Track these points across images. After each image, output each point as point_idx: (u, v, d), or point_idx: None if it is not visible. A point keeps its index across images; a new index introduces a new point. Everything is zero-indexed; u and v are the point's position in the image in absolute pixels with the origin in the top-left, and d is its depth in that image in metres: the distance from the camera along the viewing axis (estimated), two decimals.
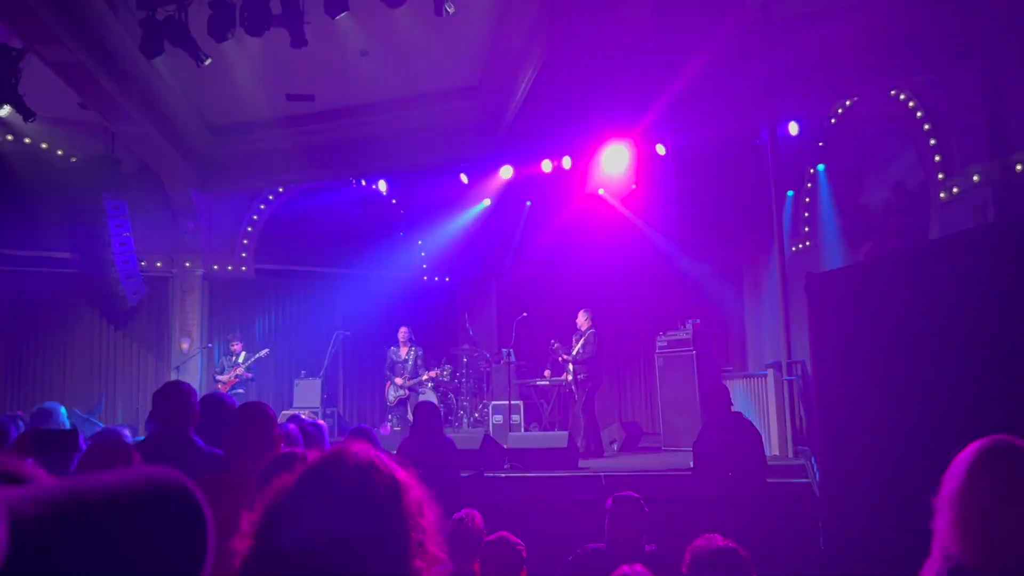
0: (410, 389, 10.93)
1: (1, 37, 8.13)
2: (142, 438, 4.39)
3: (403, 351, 11.13)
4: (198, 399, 3.56)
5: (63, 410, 5.16)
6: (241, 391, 10.56)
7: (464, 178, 12.66)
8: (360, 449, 1.11)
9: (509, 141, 10.35)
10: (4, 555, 0.67)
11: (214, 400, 3.84)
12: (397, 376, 11.06)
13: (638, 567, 2.47)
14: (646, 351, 12.61)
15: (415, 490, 1.10)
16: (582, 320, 10.07)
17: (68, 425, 5.13)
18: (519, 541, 3.45)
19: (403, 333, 11.22)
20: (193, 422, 3.45)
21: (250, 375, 11.00)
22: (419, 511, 1.08)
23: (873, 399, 3.84)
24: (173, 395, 3.48)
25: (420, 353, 11.11)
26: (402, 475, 1.11)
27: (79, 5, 7.68)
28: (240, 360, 10.99)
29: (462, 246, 13.90)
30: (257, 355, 11.04)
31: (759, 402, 8.73)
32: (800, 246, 11.50)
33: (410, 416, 9.89)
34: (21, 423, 5.03)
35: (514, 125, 9.84)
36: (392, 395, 11.11)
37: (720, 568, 2.70)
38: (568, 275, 13.70)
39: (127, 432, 4.69)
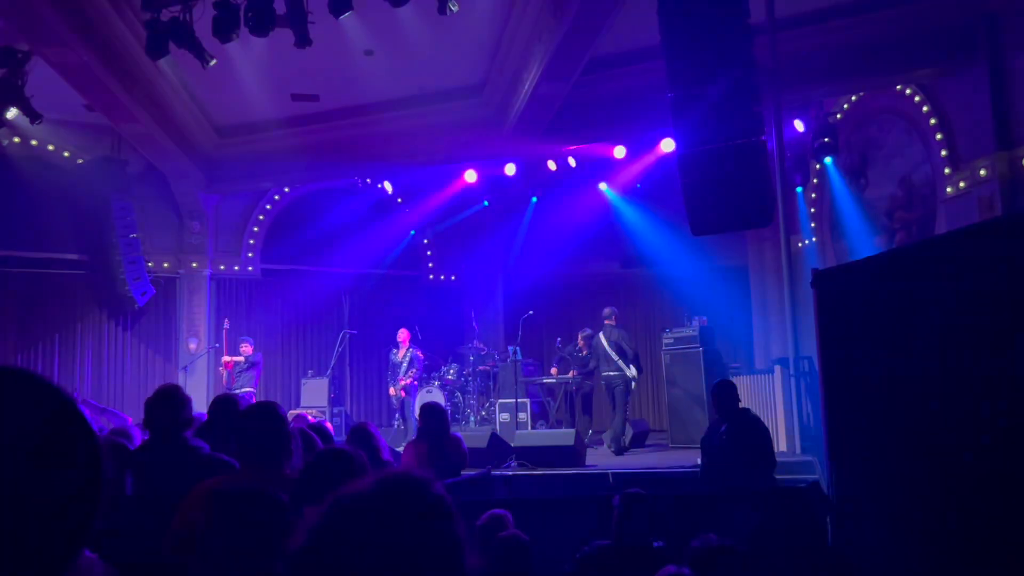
0: (404, 391, 10.87)
1: (7, 40, 8.17)
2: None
3: (400, 353, 11.08)
4: (192, 404, 3.50)
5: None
6: (249, 390, 10.57)
7: (470, 176, 12.66)
8: (436, 487, 1.06)
9: (514, 139, 10.34)
10: None
11: (224, 400, 3.84)
12: (394, 378, 11.09)
13: (685, 569, 2.46)
14: (652, 348, 12.61)
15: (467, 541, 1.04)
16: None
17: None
18: (527, 538, 3.45)
19: (401, 335, 11.19)
20: (189, 426, 3.40)
21: (240, 358, 10.84)
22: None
23: (881, 395, 3.83)
24: (167, 400, 3.44)
25: (412, 357, 10.97)
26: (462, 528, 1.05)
27: (84, 7, 7.70)
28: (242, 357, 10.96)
29: (468, 244, 13.91)
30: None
31: (766, 398, 8.71)
32: (806, 242, 11.48)
33: (415, 415, 9.90)
34: None
35: (519, 123, 9.82)
36: (394, 397, 11.15)
37: (718, 567, 2.70)
38: (574, 272, 13.70)
39: (136, 431, 4.70)
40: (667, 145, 10.71)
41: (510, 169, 12.14)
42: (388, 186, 13.23)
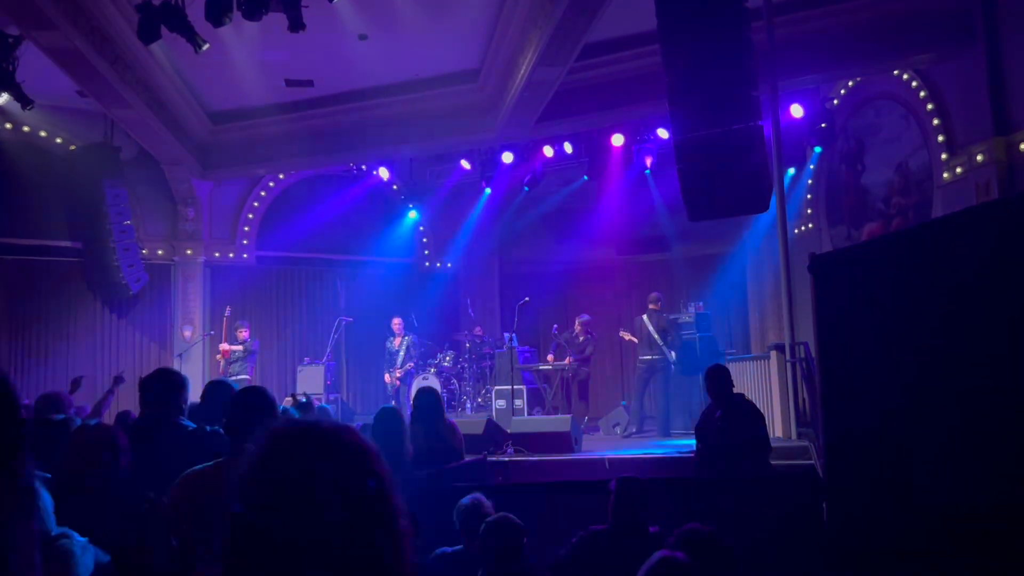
0: (400, 380, 11.00)
1: None
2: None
3: (396, 342, 11.23)
4: (187, 385, 3.50)
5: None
6: (245, 377, 10.55)
7: (465, 163, 12.62)
8: (335, 423, 1.06)
9: (510, 124, 10.29)
10: None
11: (215, 385, 3.82)
12: (391, 367, 11.19)
13: (679, 553, 2.46)
14: None
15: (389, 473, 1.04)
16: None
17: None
18: (520, 522, 3.45)
19: (396, 324, 11.31)
20: (180, 408, 3.39)
21: (239, 347, 10.79)
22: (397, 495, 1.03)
23: (877, 380, 3.83)
24: (160, 381, 3.43)
25: (410, 343, 11.15)
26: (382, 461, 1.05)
27: None
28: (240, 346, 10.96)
29: (464, 231, 13.89)
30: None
31: (762, 384, 8.72)
32: (803, 227, 11.47)
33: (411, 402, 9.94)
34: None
35: (515, 108, 9.77)
36: (389, 384, 11.20)
37: (705, 556, 2.68)
38: (570, 259, 13.68)
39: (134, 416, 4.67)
40: (664, 131, 10.67)
41: (506, 155, 12.09)
42: (383, 172, 13.18)
